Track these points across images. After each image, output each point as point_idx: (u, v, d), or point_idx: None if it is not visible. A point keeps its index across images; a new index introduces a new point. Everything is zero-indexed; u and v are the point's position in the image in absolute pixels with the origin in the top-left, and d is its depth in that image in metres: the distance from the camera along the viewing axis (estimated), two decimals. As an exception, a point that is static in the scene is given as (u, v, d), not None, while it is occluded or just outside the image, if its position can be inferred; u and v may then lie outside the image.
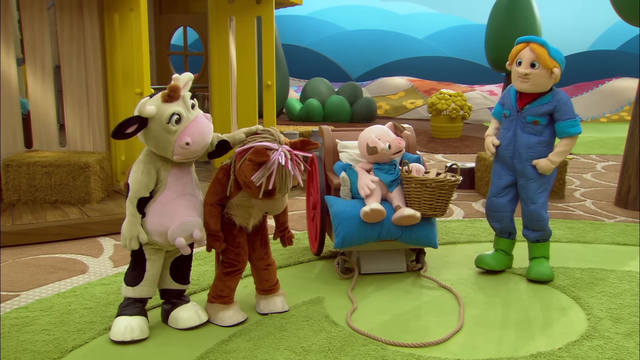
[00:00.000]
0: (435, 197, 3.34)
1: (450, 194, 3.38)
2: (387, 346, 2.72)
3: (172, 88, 2.65)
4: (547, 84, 3.36)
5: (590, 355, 2.63)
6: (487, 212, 3.68)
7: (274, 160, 2.63)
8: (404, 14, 14.36)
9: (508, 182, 3.56)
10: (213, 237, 2.86)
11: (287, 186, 2.71)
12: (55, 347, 2.69)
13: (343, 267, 3.61)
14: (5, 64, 4.87)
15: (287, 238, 3.08)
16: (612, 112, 12.00)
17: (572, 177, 6.59)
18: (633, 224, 4.72)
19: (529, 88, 3.37)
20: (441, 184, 3.32)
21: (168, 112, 2.63)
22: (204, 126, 2.72)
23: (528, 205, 3.49)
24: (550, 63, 3.28)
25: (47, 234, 4.25)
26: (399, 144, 3.45)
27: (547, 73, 3.31)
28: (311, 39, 14.32)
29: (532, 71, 3.31)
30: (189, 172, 2.86)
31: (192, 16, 8.15)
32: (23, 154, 4.90)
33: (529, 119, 3.40)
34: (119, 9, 4.99)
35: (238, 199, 2.86)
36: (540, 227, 3.52)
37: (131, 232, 2.73)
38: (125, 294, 2.84)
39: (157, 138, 2.67)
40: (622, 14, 5.36)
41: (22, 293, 3.35)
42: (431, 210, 3.37)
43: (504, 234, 3.66)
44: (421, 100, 12.42)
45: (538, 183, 3.47)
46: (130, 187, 2.74)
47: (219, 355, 2.62)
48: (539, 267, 3.51)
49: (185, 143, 2.66)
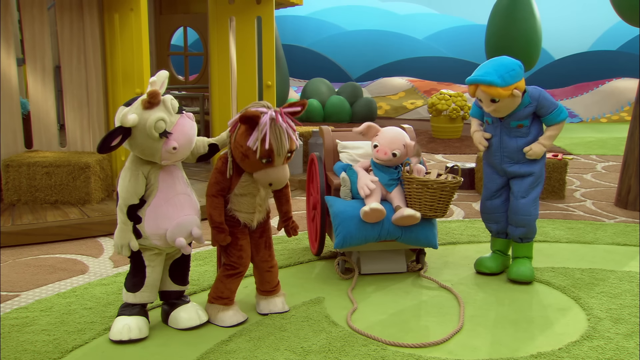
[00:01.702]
0: (436, 198, 3.34)
1: (451, 195, 3.38)
2: (387, 346, 2.72)
3: (151, 94, 2.60)
4: (517, 102, 3.34)
5: (590, 355, 2.63)
6: (483, 214, 3.69)
7: (265, 119, 2.63)
8: (404, 14, 14.37)
9: (500, 185, 3.58)
10: (217, 229, 2.83)
11: (284, 146, 2.68)
12: (55, 348, 2.69)
13: (343, 268, 3.61)
14: (6, 64, 4.88)
15: (291, 228, 3.07)
16: (612, 113, 12.00)
17: (572, 177, 6.59)
18: (633, 224, 4.72)
19: (502, 115, 3.39)
20: (442, 185, 3.32)
21: (151, 119, 2.59)
22: (188, 128, 2.70)
23: (518, 199, 3.48)
24: (505, 93, 3.24)
25: (47, 234, 4.25)
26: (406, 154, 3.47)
27: (509, 99, 3.28)
28: (311, 39, 14.33)
29: (495, 106, 3.32)
30: (179, 171, 2.85)
31: (192, 16, 8.15)
32: (23, 154, 4.90)
33: (513, 124, 3.42)
34: (119, 9, 4.99)
35: (240, 188, 2.84)
36: (525, 223, 3.47)
37: (122, 240, 2.71)
38: (127, 300, 2.83)
39: (142, 145, 2.64)
40: (623, 15, 5.36)
41: (22, 293, 3.35)
42: (432, 211, 3.37)
43: (501, 234, 3.66)
44: (421, 101, 12.42)
45: (532, 178, 3.48)
46: (119, 195, 2.71)
47: (219, 355, 2.62)
48: (519, 267, 3.50)
49: (172, 148, 2.64)
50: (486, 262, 3.66)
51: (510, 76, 3.26)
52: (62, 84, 5.10)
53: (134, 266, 2.82)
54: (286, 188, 3.07)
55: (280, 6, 7.42)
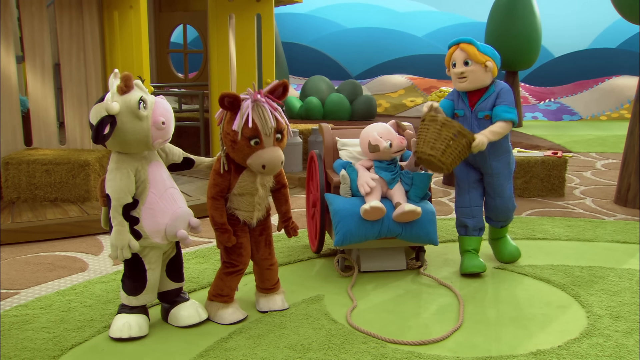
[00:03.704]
0: (453, 146, 3.26)
1: (466, 151, 3.30)
2: (386, 344, 2.72)
3: (125, 78, 2.63)
4: (485, 79, 3.44)
5: (589, 353, 2.64)
6: (459, 209, 3.67)
7: (246, 101, 2.67)
8: (403, 11, 14.36)
9: (476, 177, 3.64)
10: (220, 230, 2.83)
11: (269, 124, 2.68)
12: (55, 345, 2.69)
13: (343, 265, 3.61)
14: (5, 61, 4.87)
15: (291, 228, 3.07)
16: (612, 110, 12.00)
17: (572, 175, 6.59)
18: (633, 222, 4.72)
19: (467, 86, 3.46)
20: (465, 132, 3.26)
21: (134, 99, 2.61)
22: (166, 104, 2.75)
23: (495, 199, 3.64)
24: (481, 58, 3.40)
25: (46, 232, 4.25)
26: (400, 142, 3.45)
27: (481, 68, 3.41)
28: (311, 37, 14.32)
29: (466, 69, 3.43)
30: (163, 165, 2.86)
31: (191, 14, 8.14)
32: (23, 152, 4.90)
33: (481, 115, 3.47)
34: (118, 7, 4.99)
35: (239, 188, 2.84)
36: (504, 218, 3.71)
37: (121, 242, 2.65)
38: (128, 304, 2.82)
39: (132, 131, 2.63)
40: (622, 12, 5.36)
41: (22, 291, 3.35)
42: (441, 155, 3.26)
43: (475, 230, 3.65)
44: (421, 98, 12.42)
45: (502, 175, 3.58)
46: (111, 197, 2.66)
47: (219, 353, 2.63)
48: (508, 248, 3.75)
49: (161, 122, 2.66)
50: (472, 262, 3.57)
51: (490, 51, 3.46)
52: (61, 81, 5.10)
53: (133, 270, 2.79)
54: (285, 188, 3.07)
55: (280, 4, 7.42)
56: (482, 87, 3.47)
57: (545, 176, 5.56)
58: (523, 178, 5.51)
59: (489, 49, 3.48)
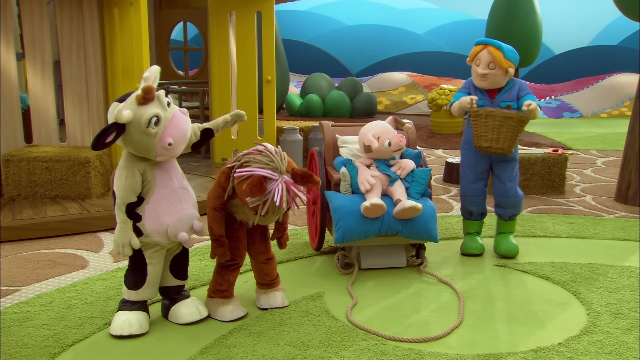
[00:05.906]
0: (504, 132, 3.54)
1: (519, 127, 3.56)
2: (387, 341, 2.72)
3: (146, 90, 2.57)
4: (503, 81, 3.67)
5: (589, 350, 2.64)
6: (465, 198, 3.88)
7: (270, 191, 2.58)
8: (404, 8, 14.35)
9: (484, 168, 3.81)
10: (217, 242, 2.84)
11: (281, 213, 2.68)
12: (55, 342, 2.70)
13: (343, 262, 3.61)
14: (5, 59, 4.87)
15: (283, 241, 3.07)
16: (612, 108, 11.99)
17: (572, 172, 6.59)
18: (633, 219, 4.72)
19: (487, 86, 3.68)
20: (510, 115, 3.51)
21: (146, 115, 2.57)
22: (183, 124, 2.68)
23: (506, 183, 3.77)
24: (505, 64, 3.59)
25: (47, 229, 4.25)
26: (399, 141, 3.44)
27: (503, 72, 3.62)
28: (311, 34, 14.31)
29: (489, 72, 3.62)
30: (175, 166, 2.83)
31: (192, 11, 8.13)
32: (23, 149, 4.90)
33: (503, 105, 3.67)
34: (118, 4, 4.98)
35: (239, 199, 2.84)
36: (514, 203, 3.80)
37: (124, 239, 2.68)
38: (128, 298, 2.82)
39: (137, 142, 2.62)
40: (623, 9, 5.35)
41: (22, 288, 3.35)
42: (496, 143, 3.56)
43: (479, 215, 3.91)
44: (421, 96, 12.42)
45: (515, 162, 3.79)
46: (116, 194, 2.68)
47: (219, 350, 2.63)
48: (507, 243, 3.82)
49: (167, 144, 2.62)
50: (472, 244, 3.88)
51: (513, 56, 3.64)
52: (61, 78, 5.09)
53: (135, 264, 2.81)
54: None
55: (280, 1, 7.42)
56: (499, 87, 3.69)
57: (545, 174, 5.56)
58: (523, 175, 5.50)
59: (514, 54, 3.64)
